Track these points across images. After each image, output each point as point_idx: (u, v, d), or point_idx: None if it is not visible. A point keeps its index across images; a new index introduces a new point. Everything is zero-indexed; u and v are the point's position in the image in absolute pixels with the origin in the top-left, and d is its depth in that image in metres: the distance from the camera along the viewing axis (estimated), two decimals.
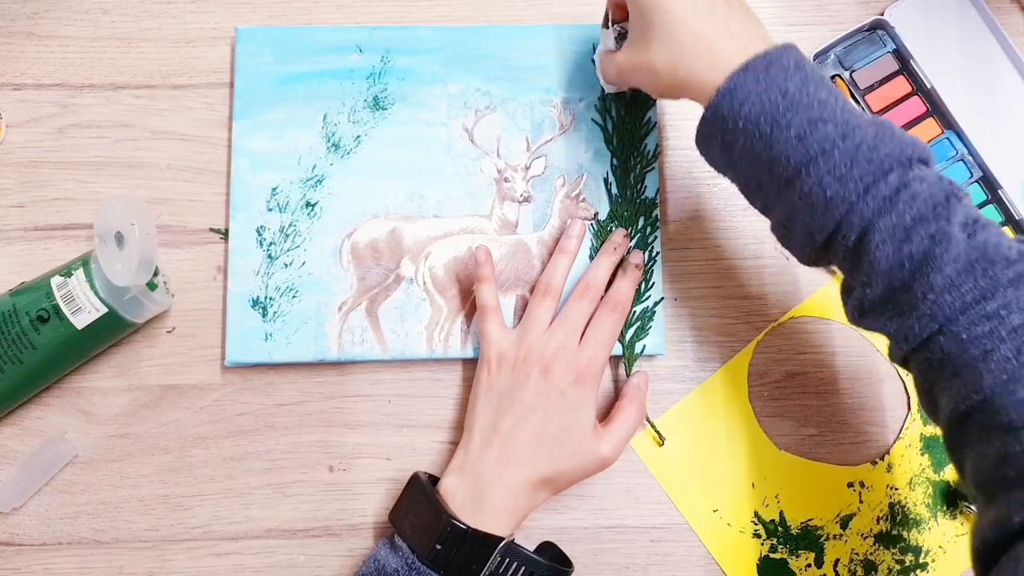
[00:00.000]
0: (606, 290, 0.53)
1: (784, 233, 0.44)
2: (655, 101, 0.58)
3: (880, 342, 0.56)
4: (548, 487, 0.49)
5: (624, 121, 0.57)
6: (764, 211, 0.45)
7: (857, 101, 0.58)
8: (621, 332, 0.54)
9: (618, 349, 0.54)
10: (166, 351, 0.55)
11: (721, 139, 0.44)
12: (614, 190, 0.57)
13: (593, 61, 0.57)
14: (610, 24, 0.51)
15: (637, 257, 0.54)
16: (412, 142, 0.57)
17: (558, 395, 0.49)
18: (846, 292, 0.44)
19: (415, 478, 0.50)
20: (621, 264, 0.54)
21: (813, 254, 0.44)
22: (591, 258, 0.56)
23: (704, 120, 0.44)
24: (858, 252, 0.41)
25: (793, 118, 0.41)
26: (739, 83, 0.42)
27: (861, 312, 0.43)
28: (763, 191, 0.44)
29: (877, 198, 0.40)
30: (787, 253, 0.47)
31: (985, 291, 0.38)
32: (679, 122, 0.58)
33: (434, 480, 0.50)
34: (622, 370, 0.55)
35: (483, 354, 0.52)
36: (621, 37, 0.51)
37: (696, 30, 0.44)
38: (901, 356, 0.42)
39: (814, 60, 0.58)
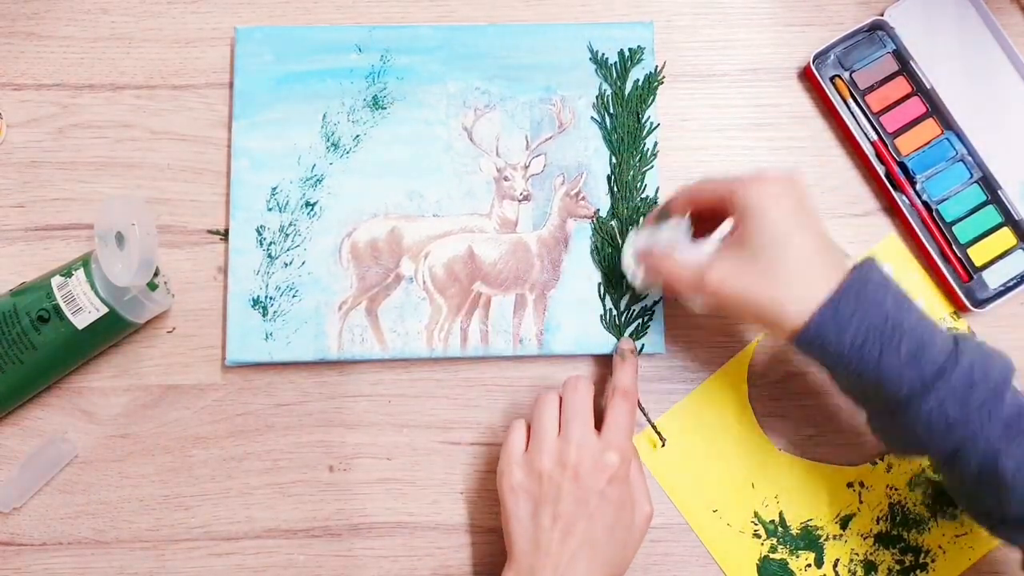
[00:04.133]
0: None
1: (889, 440, 0.46)
2: (654, 99, 0.58)
3: None
4: None
5: (623, 120, 0.57)
6: (867, 416, 0.47)
7: (857, 101, 0.58)
8: (620, 332, 0.54)
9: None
10: (166, 351, 0.55)
11: (824, 353, 0.44)
12: (614, 189, 0.57)
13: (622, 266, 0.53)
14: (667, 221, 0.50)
15: (628, 343, 0.54)
16: (411, 141, 0.57)
17: (598, 497, 0.46)
18: (963, 496, 0.46)
19: None
20: (617, 354, 0.53)
21: (919, 459, 0.45)
22: (591, 255, 0.56)
23: (808, 333, 0.44)
24: (985, 474, 0.42)
25: (901, 339, 0.42)
26: (842, 304, 0.42)
27: (1000, 523, 0.44)
28: (870, 405, 0.45)
29: (1000, 422, 0.41)
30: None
31: None
32: (679, 122, 0.58)
33: None
34: None
35: (503, 467, 0.49)
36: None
37: (807, 241, 0.44)
38: None
39: (814, 61, 0.58)
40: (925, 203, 0.57)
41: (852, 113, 0.58)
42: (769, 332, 0.45)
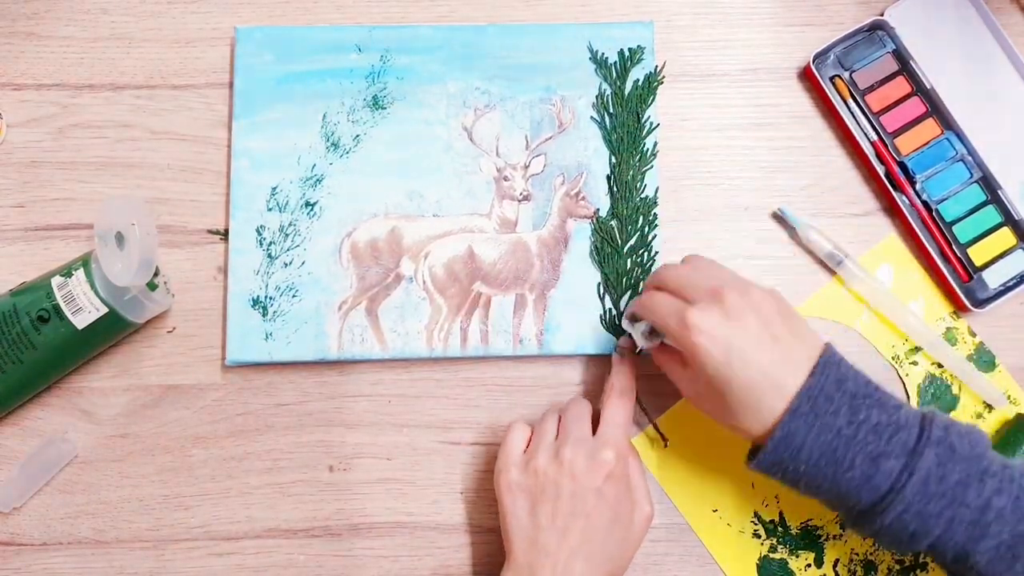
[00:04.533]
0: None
1: (867, 539, 0.46)
2: (654, 99, 0.58)
3: (880, 341, 0.56)
4: None
5: (623, 119, 0.57)
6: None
7: (857, 101, 0.58)
8: (619, 331, 0.54)
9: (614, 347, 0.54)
10: (166, 351, 0.55)
11: (783, 477, 0.44)
12: (614, 189, 0.57)
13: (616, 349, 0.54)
14: (632, 321, 0.51)
15: (627, 343, 0.54)
16: (411, 141, 0.57)
17: (595, 495, 0.47)
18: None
19: None
20: (616, 353, 0.53)
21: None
22: (591, 255, 0.56)
23: (760, 464, 0.44)
24: (960, 566, 0.42)
25: (854, 457, 0.42)
26: (791, 430, 0.42)
27: None
28: (837, 512, 0.45)
29: (963, 525, 0.40)
30: None
31: None
32: (679, 122, 0.58)
33: None
34: None
35: (500, 466, 0.49)
36: (652, 333, 0.50)
37: (746, 381, 0.43)
38: None
39: (814, 61, 0.58)
40: (925, 203, 0.57)
41: (852, 113, 0.58)
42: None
